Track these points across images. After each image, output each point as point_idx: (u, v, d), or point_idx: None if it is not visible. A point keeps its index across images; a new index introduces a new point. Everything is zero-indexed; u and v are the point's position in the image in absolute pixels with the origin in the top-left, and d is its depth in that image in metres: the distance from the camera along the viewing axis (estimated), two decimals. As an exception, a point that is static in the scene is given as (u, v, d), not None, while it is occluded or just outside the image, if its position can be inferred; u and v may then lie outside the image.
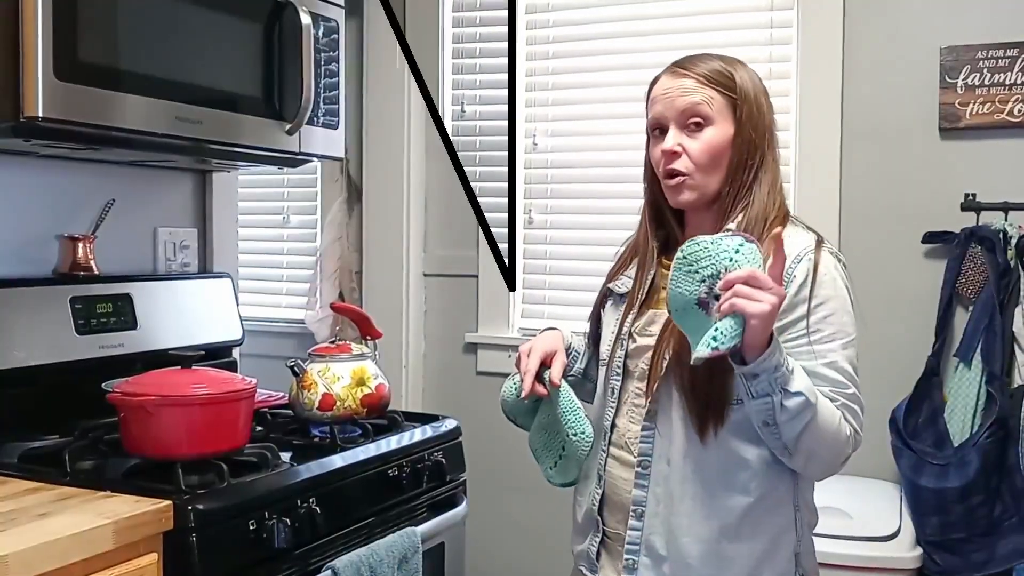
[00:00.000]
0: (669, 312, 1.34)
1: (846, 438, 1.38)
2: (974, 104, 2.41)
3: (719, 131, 1.46)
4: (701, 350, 1.26)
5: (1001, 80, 2.38)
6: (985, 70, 2.39)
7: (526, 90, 2.96)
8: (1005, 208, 2.34)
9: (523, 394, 1.51)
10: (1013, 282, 2.28)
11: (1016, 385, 2.23)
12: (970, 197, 2.39)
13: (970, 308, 2.37)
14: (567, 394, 1.51)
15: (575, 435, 1.49)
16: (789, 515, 1.47)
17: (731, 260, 1.28)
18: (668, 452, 1.45)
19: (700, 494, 1.43)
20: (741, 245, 1.29)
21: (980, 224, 2.37)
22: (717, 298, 1.27)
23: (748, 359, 1.28)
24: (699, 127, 1.46)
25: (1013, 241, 2.31)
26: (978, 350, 2.28)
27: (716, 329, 1.25)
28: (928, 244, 2.46)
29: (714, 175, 1.47)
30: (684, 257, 1.30)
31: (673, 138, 1.47)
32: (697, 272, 1.29)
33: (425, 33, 3.00)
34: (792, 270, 1.41)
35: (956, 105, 2.42)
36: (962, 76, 2.41)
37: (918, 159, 2.49)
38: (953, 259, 2.39)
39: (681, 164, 1.46)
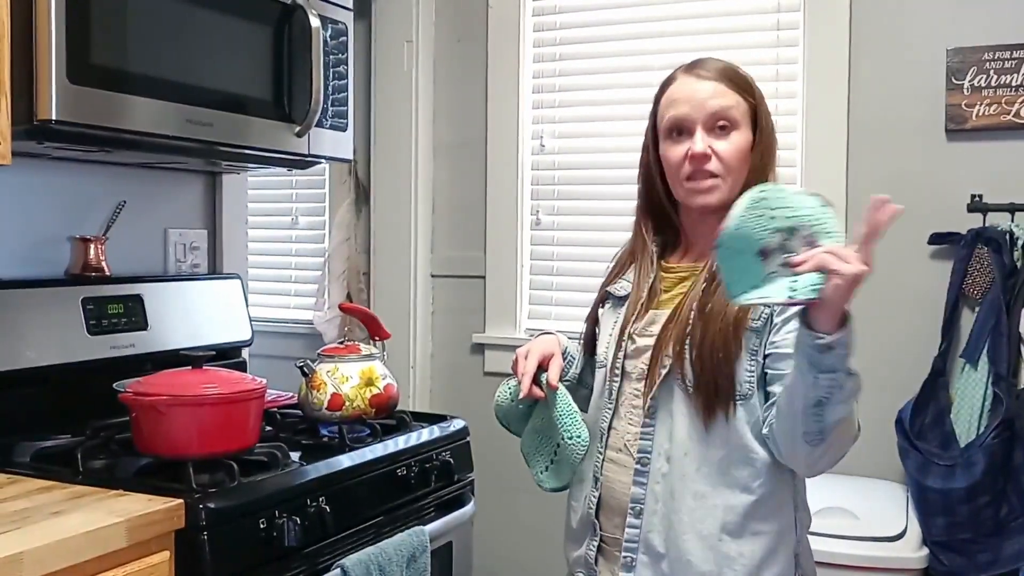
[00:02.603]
0: (717, 245, 1.25)
1: (857, 428, 1.37)
2: (980, 105, 2.41)
3: (743, 135, 1.48)
4: (758, 294, 1.21)
5: (1007, 82, 2.38)
6: (991, 71, 2.39)
7: (533, 91, 2.98)
8: (1011, 209, 2.34)
9: (521, 395, 1.52)
10: (1020, 283, 2.28)
11: (1023, 386, 2.23)
12: (976, 198, 2.39)
13: (976, 309, 2.37)
14: (564, 397, 1.52)
15: (571, 438, 1.50)
16: (790, 515, 1.48)
17: (816, 220, 1.21)
18: (668, 450, 1.46)
19: (701, 492, 1.44)
20: (824, 206, 1.22)
21: (986, 225, 2.37)
22: (784, 251, 1.21)
23: (826, 329, 1.21)
24: (725, 130, 1.47)
25: (1020, 242, 2.31)
26: (984, 351, 2.29)
27: (795, 280, 1.19)
28: (934, 245, 2.46)
29: (739, 178, 1.48)
30: (763, 199, 1.23)
31: (703, 140, 1.46)
32: (774, 219, 1.22)
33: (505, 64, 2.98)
34: None
35: (962, 106, 2.43)
36: (968, 78, 2.41)
37: (924, 160, 2.49)
38: (959, 260, 2.39)
39: (712, 166, 1.47)
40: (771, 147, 1.51)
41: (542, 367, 1.53)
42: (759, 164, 1.49)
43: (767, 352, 1.43)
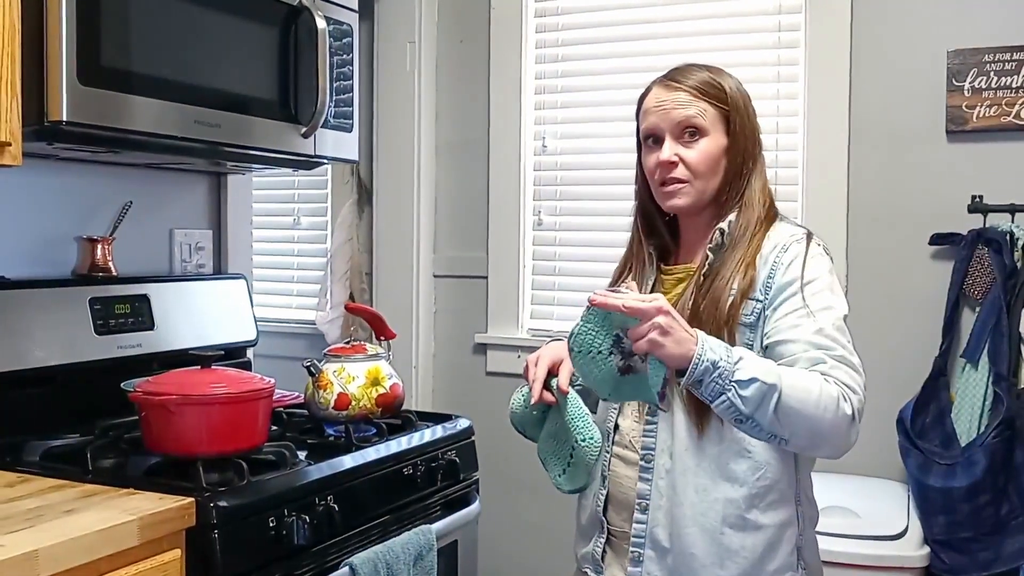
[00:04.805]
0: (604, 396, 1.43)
1: (835, 403, 1.35)
2: (981, 107, 2.42)
3: (712, 141, 1.52)
4: (653, 394, 1.35)
5: (1008, 83, 2.40)
6: (992, 73, 2.41)
7: (535, 92, 2.99)
8: (1012, 210, 2.36)
9: (532, 401, 1.54)
10: (1020, 283, 2.30)
11: (1023, 386, 2.25)
12: (977, 199, 2.41)
13: (977, 309, 2.38)
14: (575, 401, 1.54)
15: (584, 441, 1.52)
16: (791, 509, 1.50)
17: (604, 330, 1.35)
18: (671, 446, 1.49)
19: (703, 486, 1.47)
20: (591, 311, 1.35)
21: (987, 226, 2.38)
22: (629, 353, 1.36)
23: (682, 373, 1.32)
24: (693, 136, 1.52)
25: (1020, 243, 2.32)
26: (985, 351, 2.30)
27: (648, 379, 1.34)
28: (935, 246, 2.48)
29: (711, 181, 1.53)
30: (579, 351, 1.37)
31: (669, 148, 1.52)
32: (600, 352, 1.37)
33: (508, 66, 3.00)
34: (780, 258, 1.48)
35: (963, 108, 2.44)
36: (969, 79, 2.43)
37: (925, 161, 2.50)
38: (960, 260, 2.41)
39: (679, 172, 1.52)
40: (749, 150, 1.54)
41: (552, 372, 1.55)
42: (736, 166, 1.53)
43: (764, 344, 1.46)
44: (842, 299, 1.48)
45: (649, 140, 1.56)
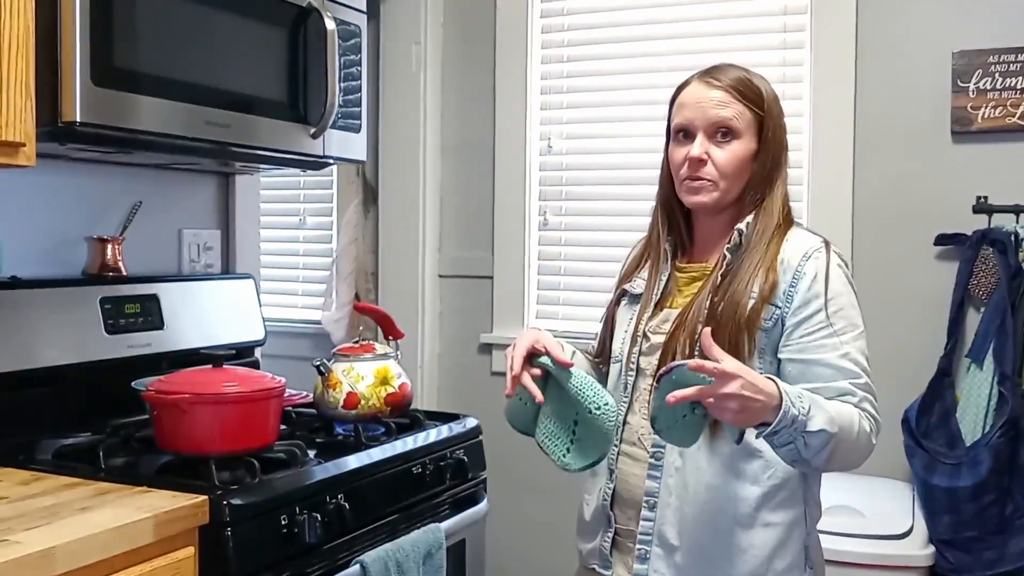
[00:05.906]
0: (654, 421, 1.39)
1: (867, 436, 1.43)
2: (986, 108, 2.43)
3: (744, 145, 1.52)
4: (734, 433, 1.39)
5: (1013, 84, 2.41)
6: (997, 74, 2.42)
7: (541, 93, 3.00)
8: (1016, 211, 2.37)
9: (506, 392, 1.46)
10: (1024, 284, 2.31)
11: (1028, 385, 2.26)
12: (982, 200, 2.42)
13: (982, 309, 2.39)
14: (576, 372, 1.45)
15: (598, 408, 1.43)
16: (800, 508, 1.51)
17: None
18: None
19: (713, 485, 1.48)
20: (662, 385, 1.34)
21: (992, 226, 2.40)
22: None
23: (763, 423, 1.33)
24: (726, 137, 1.52)
25: (1024, 243, 2.34)
26: (990, 351, 2.31)
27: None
28: (940, 246, 2.49)
29: (735, 184, 1.53)
30: (666, 427, 1.38)
31: (700, 146, 1.52)
32: (683, 415, 1.37)
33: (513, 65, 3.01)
34: (801, 267, 1.48)
35: (968, 109, 2.45)
36: (974, 80, 2.44)
37: (930, 162, 2.51)
38: (965, 261, 2.42)
39: (706, 171, 1.52)
40: (777, 158, 1.55)
41: (535, 355, 1.46)
42: (761, 174, 1.54)
43: (782, 355, 1.48)
44: (859, 312, 1.50)
45: (680, 135, 1.55)
